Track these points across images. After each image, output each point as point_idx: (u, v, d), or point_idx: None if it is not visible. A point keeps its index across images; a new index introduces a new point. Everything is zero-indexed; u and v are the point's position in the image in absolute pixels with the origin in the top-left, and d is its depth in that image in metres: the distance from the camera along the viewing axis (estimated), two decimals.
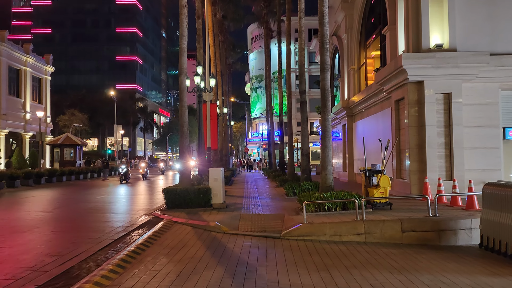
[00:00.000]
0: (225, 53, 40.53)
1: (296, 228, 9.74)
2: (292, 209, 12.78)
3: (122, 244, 8.68)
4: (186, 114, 14.40)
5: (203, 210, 13.10)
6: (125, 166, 29.28)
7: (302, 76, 17.20)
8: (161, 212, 12.83)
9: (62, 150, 37.50)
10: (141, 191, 22.42)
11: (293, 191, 16.41)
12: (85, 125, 69.14)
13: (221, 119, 31.07)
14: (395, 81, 15.32)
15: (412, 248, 9.10)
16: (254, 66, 74.83)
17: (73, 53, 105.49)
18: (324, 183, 12.10)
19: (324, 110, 12.28)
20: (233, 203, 15.17)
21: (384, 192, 11.55)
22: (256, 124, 77.90)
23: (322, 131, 12.30)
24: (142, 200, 17.84)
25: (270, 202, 15.22)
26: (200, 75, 17.07)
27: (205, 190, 13.42)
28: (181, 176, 14.14)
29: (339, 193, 11.63)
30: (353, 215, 10.61)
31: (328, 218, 10.47)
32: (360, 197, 11.39)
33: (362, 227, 9.65)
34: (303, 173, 16.94)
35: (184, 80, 14.39)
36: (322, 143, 12.25)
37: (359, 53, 24.21)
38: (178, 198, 13.39)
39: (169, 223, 11.24)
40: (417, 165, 14.44)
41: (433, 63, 13.93)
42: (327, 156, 12.17)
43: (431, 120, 14.17)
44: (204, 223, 10.85)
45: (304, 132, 17.01)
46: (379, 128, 19.12)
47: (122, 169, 28.64)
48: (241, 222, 11.17)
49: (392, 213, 10.75)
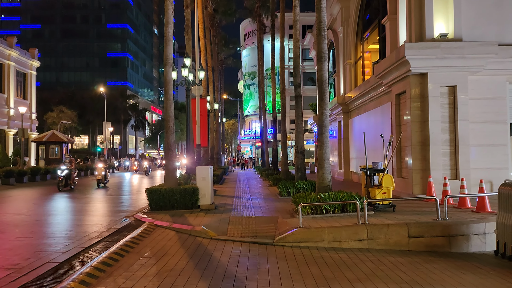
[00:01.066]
0: (216, 48, 39.43)
1: (291, 234, 8.73)
2: (286, 211, 11.78)
3: (93, 252, 7.61)
4: (172, 108, 13.34)
5: (189, 212, 12.05)
6: (66, 167, 20.26)
7: (297, 69, 16.18)
8: (143, 215, 11.77)
9: (47, 147, 36.18)
10: (127, 191, 21.30)
11: (287, 191, 15.42)
12: (74, 122, 67.71)
13: (212, 115, 30.03)
14: (396, 74, 14.35)
15: (421, 256, 8.12)
16: (247, 63, 73.76)
17: (63, 49, 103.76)
18: (322, 182, 11.10)
19: (321, 104, 11.27)
20: (223, 204, 14.13)
21: (387, 192, 10.58)
22: (249, 122, 76.86)
23: (319, 126, 11.29)
24: (126, 200, 16.73)
25: (262, 203, 14.21)
26: (188, 67, 16.00)
27: (192, 191, 12.38)
28: (166, 175, 13.08)
29: (337, 193, 10.64)
30: (353, 219, 9.62)
31: (326, 221, 9.47)
32: (361, 198, 10.41)
33: (364, 232, 8.65)
34: (297, 172, 15.95)
35: (169, 71, 13.32)
36: (320, 140, 11.24)
37: (356, 46, 23.24)
38: (163, 199, 12.33)
39: (151, 227, 10.18)
40: (420, 163, 13.49)
41: (438, 54, 12.97)
42: (324, 154, 11.17)
43: (435, 115, 13.22)
44: (189, 228, 9.80)
45: (299, 128, 16.00)
46: (378, 124, 18.17)
47: (61, 171, 20.01)
48: (230, 226, 10.14)
49: (396, 216, 9.77)
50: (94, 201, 16.23)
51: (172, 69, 16.07)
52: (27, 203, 15.54)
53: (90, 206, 14.79)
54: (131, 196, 18.28)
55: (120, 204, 15.39)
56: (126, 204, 15.39)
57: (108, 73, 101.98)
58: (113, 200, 16.78)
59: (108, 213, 12.90)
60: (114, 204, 15.38)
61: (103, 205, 15.02)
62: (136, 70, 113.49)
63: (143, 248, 8.11)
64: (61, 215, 12.70)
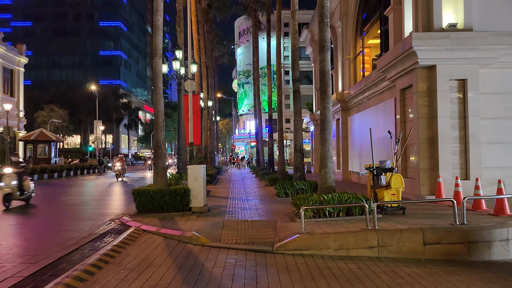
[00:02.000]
0: (210, 45, 38.42)
1: (293, 240, 7.79)
2: (285, 214, 10.84)
3: (66, 264, 6.62)
4: (161, 102, 12.36)
5: (180, 215, 11.08)
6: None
7: (296, 62, 15.24)
8: (129, 218, 10.78)
9: (35, 146, 35.09)
10: (117, 191, 20.24)
11: (285, 192, 14.49)
12: (65, 121, 66.43)
13: (205, 113, 29.02)
14: (402, 67, 13.46)
15: (439, 265, 7.21)
16: (242, 61, 72.74)
17: (55, 47, 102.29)
18: (324, 183, 10.17)
19: (324, 97, 10.34)
20: (217, 205, 13.17)
21: (396, 194, 9.66)
22: (243, 121, 75.85)
23: (322, 122, 10.36)
24: (116, 202, 15.71)
25: (259, 205, 13.26)
26: (179, 60, 15.02)
27: (182, 192, 11.41)
28: (155, 175, 12.09)
29: (342, 195, 9.72)
30: (360, 223, 8.71)
31: (330, 226, 8.54)
32: (368, 200, 9.50)
33: (374, 238, 7.73)
34: (296, 171, 15.02)
35: (159, 63, 12.34)
36: (322, 136, 10.31)
37: (355, 41, 22.36)
38: (151, 201, 11.35)
39: (137, 232, 9.19)
40: (428, 162, 12.61)
41: (448, 45, 12.09)
42: (327, 151, 10.24)
43: (444, 111, 12.34)
44: (178, 233, 8.83)
45: (298, 125, 15.07)
46: (380, 122, 17.27)
47: None
48: (224, 231, 9.18)
49: (407, 220, 8.86)
50: (79, 203, 15.21)
51: (162, 61, 15.11)
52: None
53: (73, 209, 13.77)
54: (120, 197, 17.25)
55: (106, 206, 14.38)
56: (113, 206, 14.37)
57: (101, 71, 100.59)
58: (99, 202, 15.77)
59: (92, 216, 11.89)
60: (100, 206, 14.37)
61: (88, 208, 14.00)
62: (129, 69, 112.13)
63: (125, 258, 7.13)
64: (40, 217, 11.67)
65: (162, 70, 14.30)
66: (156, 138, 12.20)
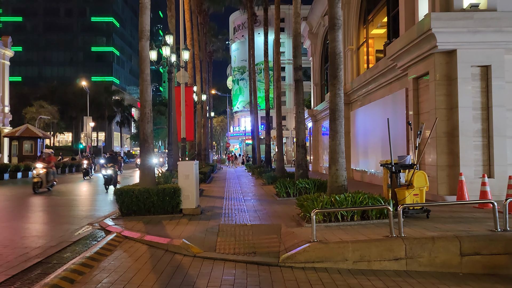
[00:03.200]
0: (204, 38, 36.94)
1: (303, 250, 6.44)
2: (289, 217, 9.49)
3: (21, 283, 5.24)
4: (148, 91, 10.95)
5: (169, 218, 9.70)
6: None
7: (298, 49, 13.88)
8: (111, 222, 9.39)
9: (21, 143, 33.47)
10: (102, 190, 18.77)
11: (286, 191, 13.16)
12: (55, 118, 64.53)
13: (199, 108, 27.59)
14: (417, 53, 12.15)
15: (482, 281, 5.92)
16: (236, 57, 71.28)
17: (46, 43, 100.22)
18: (335, 181, 8.84)
19: (334, 83, 9.00)
20: (211, 207, 11.79)
21: (420, 194, 8.35)
22: (238, 118, 74.39)
23: (332, 111, 9.03)
24: (101, 202, 14.29)
25: (258, 206, 11.89)
26: (170, 46, 13.62)
27: (172, 191, 10.03)
28: (141, 173, 10.70)
29: (355, 195, 8.41)
30: (380, 229, 7.40)
31: (345, 232, 7.22)
32: (386, 201, 8.19)
33: (402, 248, 6.41)
34: (298, 169, 13.68)
35: (145, 46, 10.93)
36: (332, 127, 8.98)
37: (358, 30, 21.05)
38: (136, 202, 9.96)
39: (117, 240, 7.81)
40: (446, 158, 11.31)
41: (470, 26, 10.79)
42: (338, 145, 8.91)
43: (466, 101, 11.04)
44: (166, 241, 7.45)
45: (300, 117, 13.72)
46: (388, 115, 15.88)
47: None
48: (220, 238, 7.81)
49: (435, 225, 7.55)
50: (59, 204, 13.77)
51: (151, 47, 13.73)
52: None
53: (51, 210, 12.35)
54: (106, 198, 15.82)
55: (89, 207, 12.97)
56: (97, 207, 12.97)
57: (93, 68, 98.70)
58: (83, 202, 14.36)
59: (69, 219, 10.47)
60: (82, 207, 12.96)
61: (68, 209, 12.57)
62: (122, 65, 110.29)
63: (98, 275, 5.75)
64: (7, 221, 10.22)
65: (150, 54, 12.91)
66: (142, 131, 10.79)
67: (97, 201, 14.58)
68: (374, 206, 7.79)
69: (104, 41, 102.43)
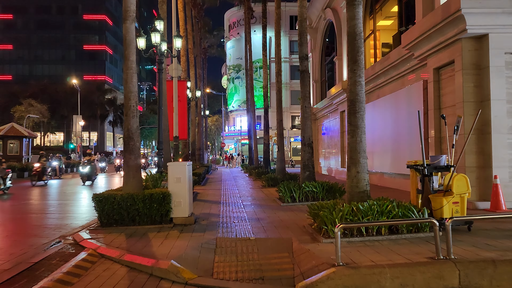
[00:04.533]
0: (199, 33, 35.39)
1: (326, 278, 4.97)
2: (298, 228, 8.01)
3: None
4: (134, 80, 9.45)
5: (157, 229, 8.20)
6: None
7: (303, 36, 12.41)
8: (88, 234, 7.87)
9: (5, 142, 31.73)
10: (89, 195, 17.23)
11: (291, 195, 11.68)
12: (45, 117, 62.63)
13: (193, 105, 26.04)
14: (440, 39, 10.73)
15: None
16: (232, 55, 69.63)
17: (37, 41, 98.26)
18: (356, 186, 7.38)
19: (354, 68, 7.54)
20: (206, 214, 10.29)
21: (460, 203, 6.90)
22: (233, 118, 72.77)
23: (352, 102, 7.56)
24: (83, 208, 12.75)
25: (260, 212, 10.40)
26: (160, 32, 12.11)
27: (161, 197, 8.52)
28: (125, 176, 9.18)
29: (381, 203, 6.97)
30: (417, 246, 5.98)
31: (375, 251, 5.77)
32: (420, 211, 6.78)
33: (454, 274, 4.96)
34: (304, 170, 12.20)
35: (130, 28, 9.42)
36: (351, 121, 7.52)
37: (364, 22, 19.61)
38: (118, 210, 8.45)
39: (90, 259, 6.31)
40: (476, 158, 9.90)
41: (506, 6, 9.39)
42: (359, 143, 7.45)
43: (499, 93, 9.63)
44: (150, 262, 5.94)
45: (306, 113, 12.25)
46: (400, 111, 14.57)
47: None
48: (218, 258, 6.32)
49: (484, 241, 6.12)
50: (34, 211, 12.24)
51: (139, 34, 12.23)
52: None
53: (21, 218, 10.79)
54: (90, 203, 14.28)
55: (67, 215, 11.45)
56: (77, 214, 11.44)
57: (85, 66, 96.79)
58: (62, 208, 12.84)
59: (40, 230, 8.95)
60: (60, 214, 11.44)
61: (42, 218, 11.05)
62: (115, 64, 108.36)
63: None
64: None
65: (138, 42, 11.42)
66: (127, 127, 9.27)
67: (79, 206, 13.04)
68: (415, 220, 6.37)
69: (96, 39, 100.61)
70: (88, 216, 10.63)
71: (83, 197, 15.51)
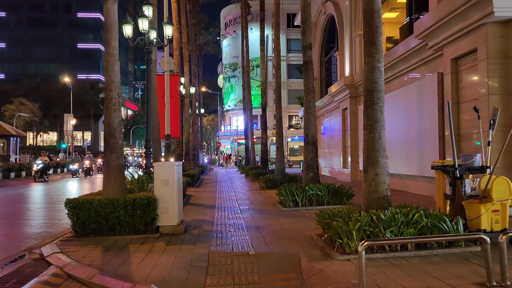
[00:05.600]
0: (194, 29, 34.19)
1: None
2: (305, 239, 6.87)
3: None
4: (116, 68, 8.28)
5: (140, 241, 7.04)
6: None
7: (306, 23, 11.24)
8: (57, 247, 6.69)
9: None
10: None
11: (293, 199, 10.54)
12: (36, 116, 61.18)
13: (187, 102, 24.83)
14: (460, 25, 9.62)
15: None
16: (228, 54, 68.44)
17: (30, 39, 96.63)
18: (374, 191, 6.25)
19: (372, 52, 6.44)
20: (198, 221, 9.12)
21: (502, 211, 5.77)
22: (229, 117, 71.58)
23: (368, 92, 6.46)
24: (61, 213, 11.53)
25: (259, 219, 9.23)
26: (148, 18, 10.94)
27: (145, 203, 7.36)
28: (105, 177, 8.01)
29: (404, 210, 5.85)
30: (454, 265, 4.87)
31: (404, 272, 4.65)
32: (452, 220, 5.67)
33: None
34: (307, 171, 11.05)
35: (112, 9, 8.26)
36: (369, 115, 6.41)
37: None
38: (96, 218, 7.28)
39: (54, 281, 5.15)
40: (504, 158, 8.78)
41: None
42: (378, 140, 6.33)
43: None
44: (127, 287, 4.77)
45: (310, 108, 11.10)
46: (410, 107, 13.46)
47: None
48: (210, 280, 5.17)
49: None
50: (7, 216, 11.03)
51: (125, 20, 11.07)
52: None
53: None
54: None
55: (44, 221, 10.27)
56: (55, 220, 10.24)
57: (79, 65, 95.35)
58: (40, 213, 11.64)
59: (3, 241, 7.75)
60: (35, 221, 10.25)
61: (14, 225, 9.85)
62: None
63: None
64: None
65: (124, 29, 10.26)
66: (107, 122, 8.10)
67: (59, 211, 11.82)
68: (459, 236, 5.21)
69: (91, 37, 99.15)
70: (67, 222, 9.43)
71: None
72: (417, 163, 12.72)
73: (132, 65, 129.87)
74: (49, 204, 13.37)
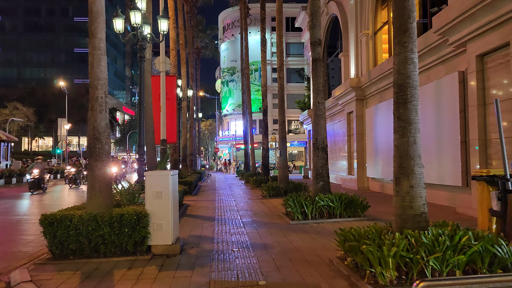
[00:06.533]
0: (192, 31, 33.23)
1: None
2: (323, 261, 5.80)
3: None
4: (102, 64, 7.24)
5: (128, 264, 5.97)
6: None
7: (315, 17, 10.21)
8: (27, 273, 5.61)
9: None
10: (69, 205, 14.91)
11: (302, 211, 9.48)
12: (31, 120, 59.97)
13: (185, 106, 23.79)
14: (488, 17, 8.63)
15: None
16: (226, 58, 67.51)
17: (26, 43, 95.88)
18: (408, 206, 5.20)
19: (404, 41, 5.41)
20: (196, 237, 8.04)
21: None
22: (228, 122, 70.53)
23: (400, 88, 5.42)
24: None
25: (266, 235, 8.15)
26: (141, 11, 9.92)
27: (135, 219, 6.29)
28: (89, 189, 6.95)
29: (445, 230, 4.81)
30: None
31: None
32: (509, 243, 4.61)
33: None
34: (317, 179, 9.99)
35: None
36: (400, 115, 5.37)
37: (376, 12, 17.57)
38: (76, 237, 6.22)
39: None
40: None
41: None
42: (412, 145, 5.29)
43: None
44: None
45: (319, 109, 10.06)
46: (425, 111, 12.40)
47: None
48: None
49: None
50: None
51: (116, 14, 10.06)
52: None
53: None
54: None
55: (25, 236, 9.18)
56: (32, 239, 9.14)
57: (76, 69, 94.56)
58: (24, 226, 10.55)
59: None
60: (14, 236, 9.16)
61: None
62: (107, 67, 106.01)
63: None
64: None
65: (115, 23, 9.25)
66: (92, 124, 7.05)
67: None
68: None
69: (87, 41, 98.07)
70: None
71: None
72: (435, 171, 11.69)
73: (129, 70, 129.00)
74: (33, 216, 12.26)
